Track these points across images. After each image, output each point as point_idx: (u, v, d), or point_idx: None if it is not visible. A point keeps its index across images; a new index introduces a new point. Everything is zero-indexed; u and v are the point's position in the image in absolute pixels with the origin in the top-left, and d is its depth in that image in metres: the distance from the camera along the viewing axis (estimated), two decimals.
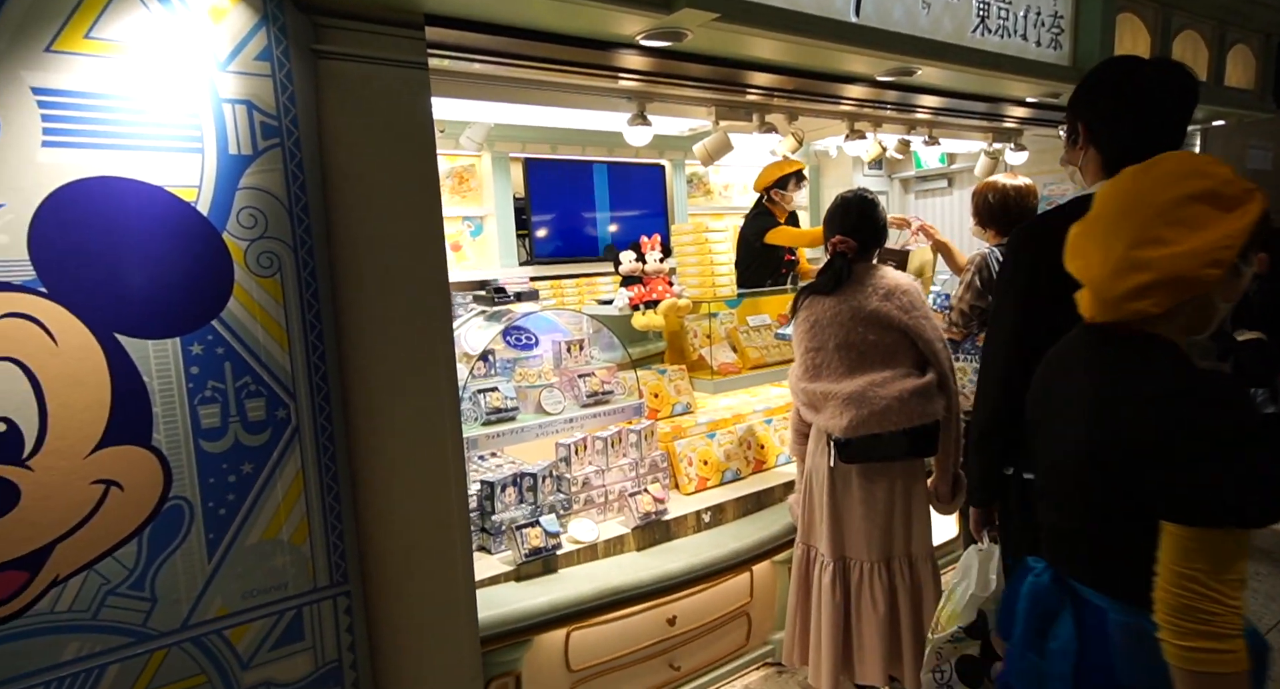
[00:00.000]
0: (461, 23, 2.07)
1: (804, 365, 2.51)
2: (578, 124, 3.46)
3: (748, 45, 2.58)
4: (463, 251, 4.40)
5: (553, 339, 2.97)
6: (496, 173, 4.44)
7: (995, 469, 1.98)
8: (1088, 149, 1.84)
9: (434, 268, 1.96)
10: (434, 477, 1.95)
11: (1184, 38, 4.02)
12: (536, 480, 2.60)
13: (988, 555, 2.04)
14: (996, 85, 3.42)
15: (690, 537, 2.91)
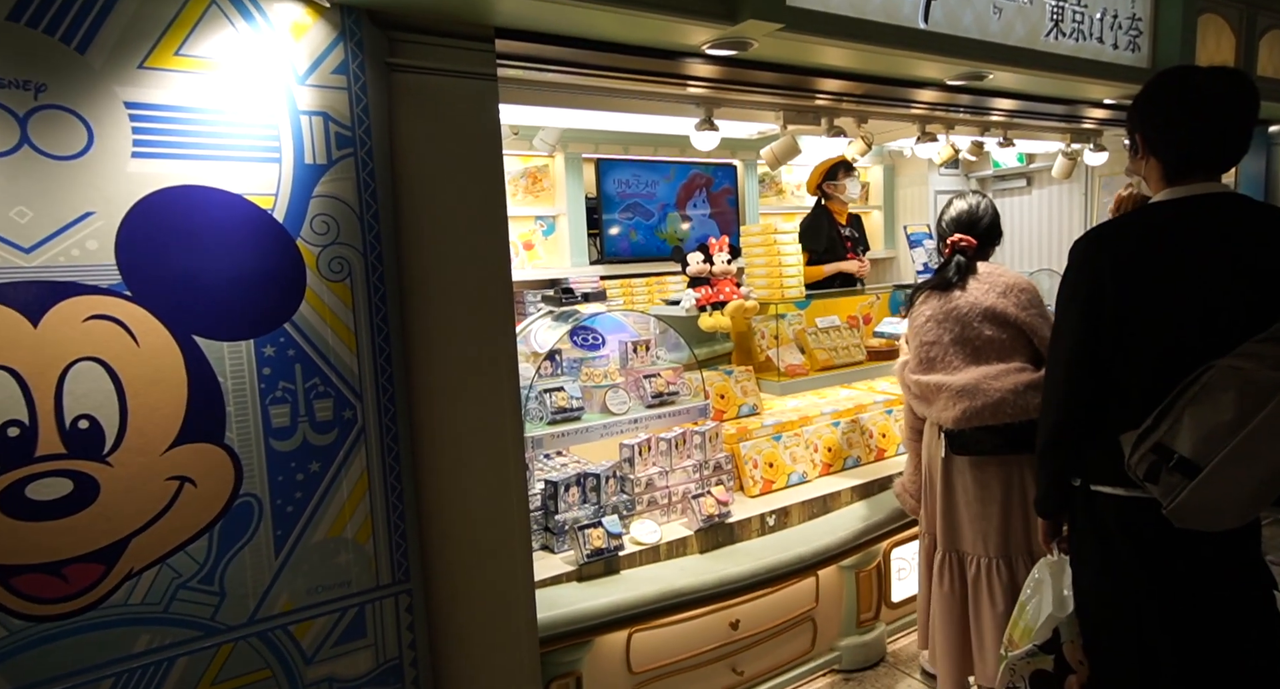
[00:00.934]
0: (530, 35, 2.01)
1: (917, 358, 2.51)
2: (648, 128, 3.37)
3: (815, 53, 2.45)
4: (535, 250, 4.35)
5: (619, 339, 2.88)
6: (569, 173, 4.37)
7: (1062, 480, 1.86)
8: (1148, 159, 1.78)
9: (498, 273, 1.90)
10: (495, 477, 1.89)
11: (1270, 38, 3.76)
12: (600, 481, 2.51)
13: (1059, 569, 1.94)
14: (1072, 88, 3.20)
15: (754, 540, 2.78)
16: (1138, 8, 3.19)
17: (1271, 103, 3.88)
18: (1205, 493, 1.54)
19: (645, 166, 4.62)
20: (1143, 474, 1.62)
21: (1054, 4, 2.89)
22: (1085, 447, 1.79)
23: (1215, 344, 1.60)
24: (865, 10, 2.34)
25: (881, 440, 3.43)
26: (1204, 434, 1.54)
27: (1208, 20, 3.43)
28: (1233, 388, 1.53)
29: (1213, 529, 1.61)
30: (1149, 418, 1.62)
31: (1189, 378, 1.59)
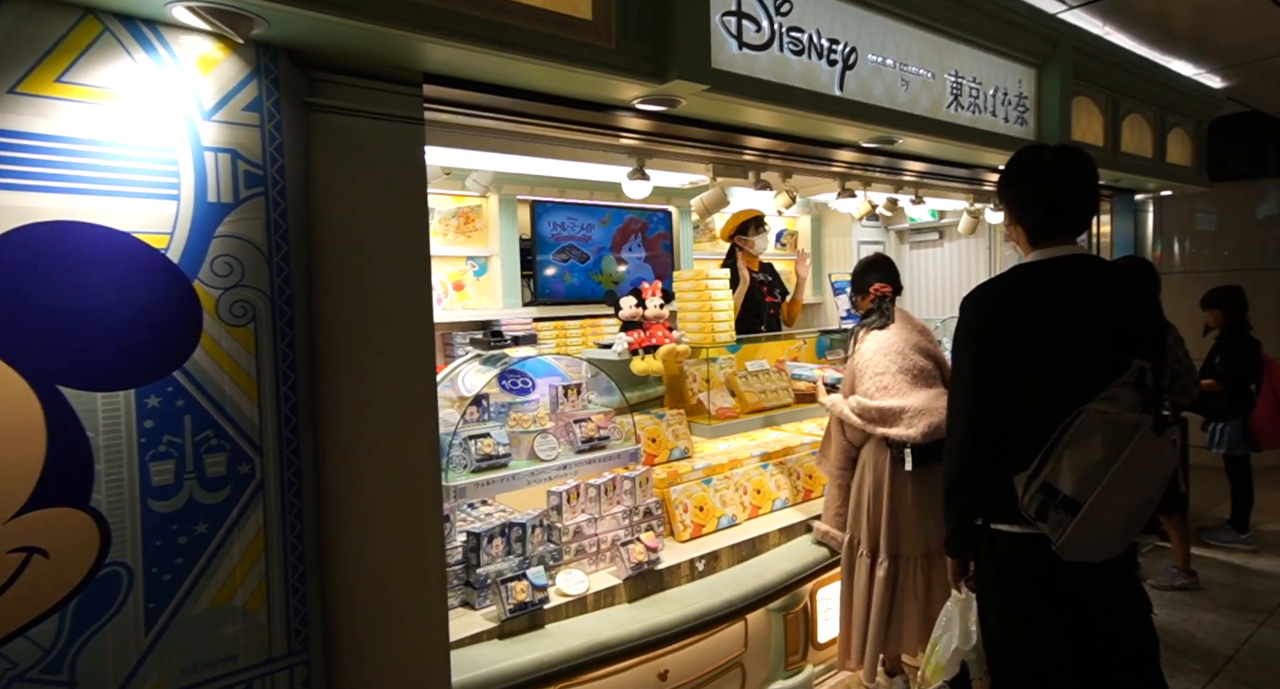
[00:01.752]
0: (460, 81, 1.86)
1: (874, 385, 2.67)
2: (582, 174, 3.24)
3: (741, 113, 2.40)
4: (465, 291, 4.10)
5: (550, 383, 2.70)
6: (503, 214, 4.13)
7: (966, 521, 1.90)
8: (1016, 225, 1.91)
9: (420, 318, 1.71)
10: (411, 532, 1.68)
11: (1131, 120, 4.01)
12: (526, 530, 2.30)
13: (966, 606, 1.95)
14: (972, 154, 3.27)
15: (684, 586, 2.60)
16: (1024, 87, 3.31)
17: (1135, 175, 4.06)
18: (1086, 527, 1.63)
19: (581, 210, 4.45)
20: (1034, 512, 1.69)
21: (953, 80, 2.95)
22: (985, 488, 1.83)
23: (1085, 389, 1.70)
24: (786, 76, 2.31)
25: (808, 481, 3.31)
26: (1080, 474, 1.63)
27: (1080, 102, 3.60)
28: (1100, 430, 1.64)
29: (1096, 560, 1.69)
30: (1036, 460, 1.69)
31: (1065, 422, 1.68)
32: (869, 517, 2.67)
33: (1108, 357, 1.73)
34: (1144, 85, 4.10)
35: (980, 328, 1.81)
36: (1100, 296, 1.79)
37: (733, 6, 2.11)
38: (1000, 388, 1.78)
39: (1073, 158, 1.83)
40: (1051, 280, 1.81)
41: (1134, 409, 1.68)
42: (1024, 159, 1.89)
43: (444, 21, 1.49)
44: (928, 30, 2.82)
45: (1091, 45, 3.61)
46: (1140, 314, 1.82)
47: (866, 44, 2.57)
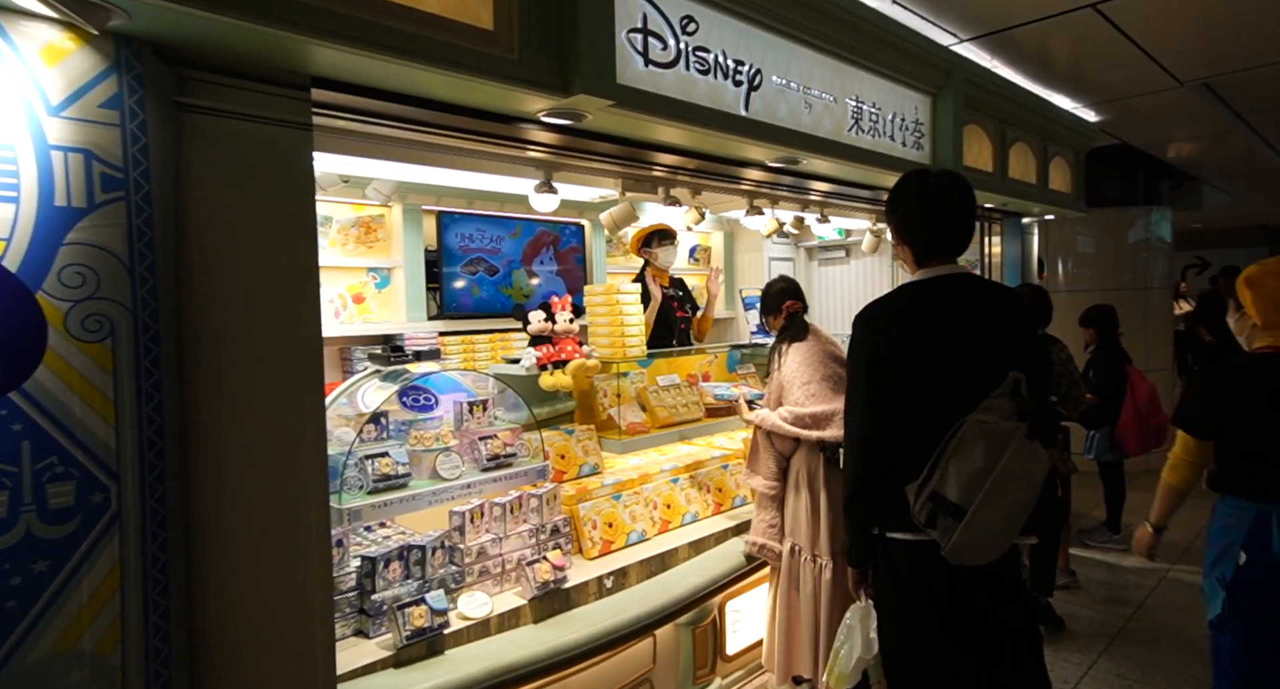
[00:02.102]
0: (353, 87, 1.76)
1: (803, 394, 2.79)
2: (488, 186, 3.16)
3: (649, 129, 2.39)
4: (366, 304, 3.91)
5: (454, 400, 2.60)
6: (408, 224, 3.96)
7: (865, 530, 1.95)
8: (903, 246, 1.99)
9: (307, 333, 1.60)
10: (295, 561, 1.56)
11: (1017, 148, 4.23)
12: (426, 552, 2.20)
13: (866, 614, 2.01)
14: (873, 176, 3.37)
15: (592, 604, 2.54)
16: (920, 114, 3.44)
17: (1021, 200, 4.30)
18: (971, 532, 1.70)
19: (490, 221, 4.33)
20: (924, 520, 1.76)
21: (854, 105, 3.03)
22: (881, 499, 1.88)
23: (968, 400, 1.77)
24: (693, 95, 2.31)
25: (719, 495, 3.31)
26: (965, 481, 1.71)
27: (971, 129, 3.78)
28: (981, 439, 1.72)
29: (981, 563, 1.76)
30: (925, 469, 1.76)
31: (950, 432, 1.75)
32: (809, 520, 2.77)
33: (986, 369, 1.80)
34: (1028, 116, 4.34)
35: (871, 344, 1.87)
36: (979, 313, 1.88)
37: (639, 24, 2.09)
38: (890, 401, 1.84)
39: (953, 182, 1.92)
40: (935, 298, 1.89)
41: (1011, 418, 1.76)
42: (909, 183, 1.96)
43: (328, 23, 1.40)
44: (830, 56, 2.89)
45: (981, 77, 3.79)
46: (1015, 329, 1.91)
47: (771, 66, 2.61)
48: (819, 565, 2.74)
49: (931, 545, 1.77)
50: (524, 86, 1.80)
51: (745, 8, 2.42)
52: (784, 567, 2.85)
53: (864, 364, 1.88)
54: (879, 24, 3.03)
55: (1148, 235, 7.34)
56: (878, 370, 1.85)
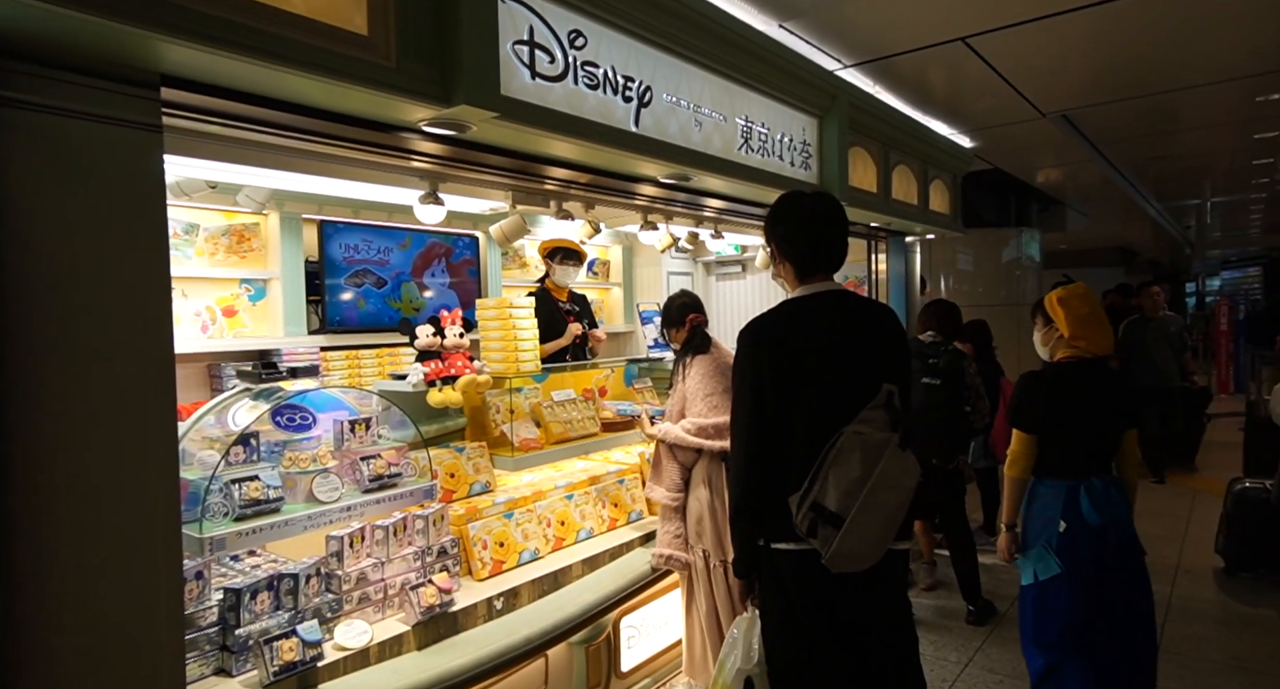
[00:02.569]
0: (213, 88, 1.67)
1: (706, 406, 2.88)
2: (369, 195, 3.07)
3: (538, 142, 2.39)
4: (238, 318, 3.72)
5: (335, 418, 2.50)
6: (286, 234, 3.76)
7: (751, 542, 1.99)
8: (783, 263, 2.06)
9: (155, 348, 1.49)
10: (138, 600, 1.45)
11: (900, 170, 4.48)
12: (299, 581, 2.09)
13: (750, 624, 2.05)
14: (763, 194, 3.48)
15: (481, 627, 2.48)
16: (807, 136, 3.60)
17: (903, 219, 4.58)
18: (849, 540, 1.77)
19: (378, 232, 4.18)
20: (806, 530, 1.82)
21: (744, 124, 3.14)
22: (766, 510, 1.93)
23: (845, 412, 1.85)
24: (582, 110, 2.33)
25: (614, 510, 3.32)
26: (843, 490, 1.78)
27: (856, 152, 3.99)
28: (857, 449, 1.80)
29: (859, 569, 1.84)
30: (806, 480, 1.82)
31: (829, 443, 1.82)
32: (713, 526, 2.85)
33: (863, 381, 1.89)
34: (909, 140, 4.62)
35: (754, 358, 1.92)
36: (856, 327, 1.98)
37: (525, 36, 2.10)
38: (773, 414, 1.89)
39: (829, 202, 2.05)
40: (816, 313, 1.98)
41: (885, 429, 1.84)
42: (788, 203, 2.06)
43: (178, 19, 1.33)
44: (720, 76, 2.98)
45: (864, 102, 4.01)
46: (889, 343, 2.01)
47: (662, 84, 2.67)
48: (728, 570, 2.80)
49: (814, 555, 1.83)
50: (403, 95, 1.76)
51: (634, 25, 2.47)
52: (698, 573, 2.90)
53: (748, 378, 1.93)
54: (767, 47, 3.16)
55: (1019, 254, 7.95)
56: (761, 384, 1.90)
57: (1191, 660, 3.50)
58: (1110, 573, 2.56)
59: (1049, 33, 3.56)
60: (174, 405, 1.52)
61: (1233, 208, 10.89)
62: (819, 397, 1.89)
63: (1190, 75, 4.40)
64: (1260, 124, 5.73)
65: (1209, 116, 5.50)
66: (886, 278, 5.22)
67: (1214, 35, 3.75)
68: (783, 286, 2.15)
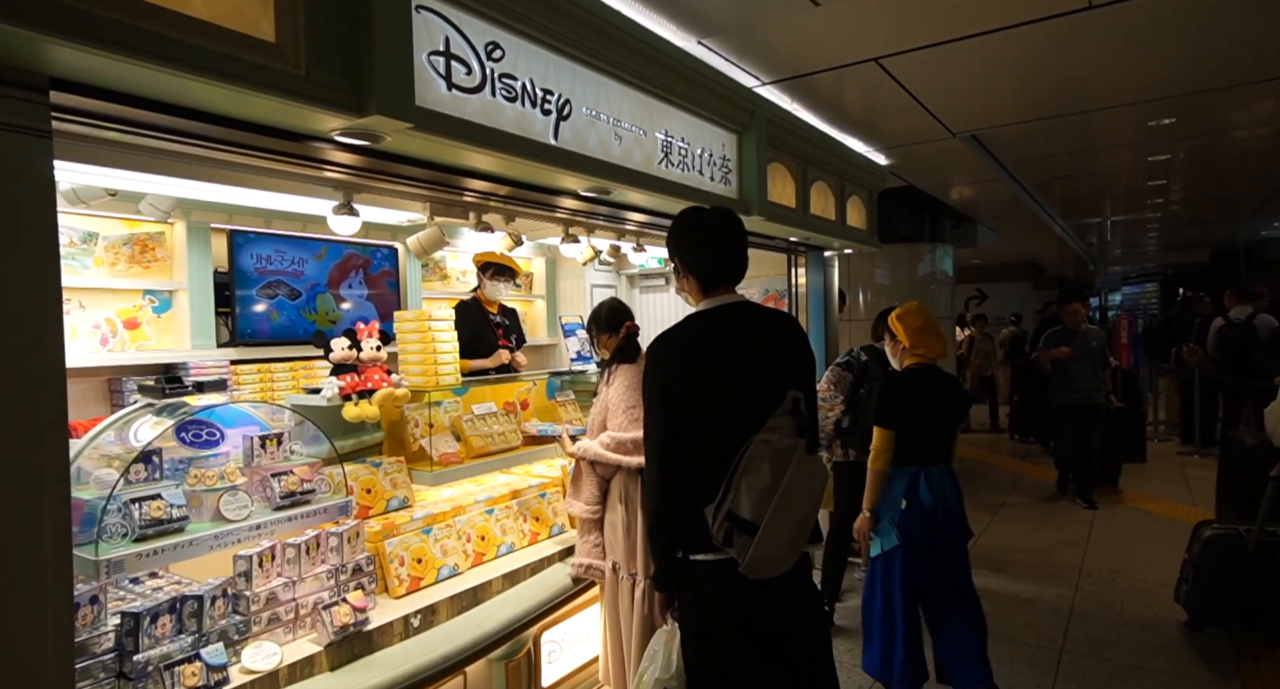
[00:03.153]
0: (108, 93, 1.64)
1: (627, 419, 2.86)
2: (291, 205, 3.03)
3: (455, 154, 2.40)
4: (141, 330, 3.59)
5: (244, 434, 2.45)
6: (193, 243, 3.67)
7: (670, 555, 2.02)
8: (688, 277, 2.13)
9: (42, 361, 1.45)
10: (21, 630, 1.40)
11: (818, 186, 4.65)
12: (203, 603, 2.04)
13: (670, 636, 2.09)
14: (685, 208, 3.55)
15: (396, 645, 2.46)
16: (727, 151, 3.72)
17: (822, 234, 4.76)
18: (764, 546, 1.82)
19: (292, 243, 4.09)
20: (722, 539, 1.86)
21: (664, 139, 3.23)
22: (683, 523, 1.97)
23: (754, 421, 1.91)
24: (500, 122, 2.36)
25: (535, 524, 3.34)
26: (755, 498, 1.83)
27: (775, 167, 4.13)
28: (767, 457, 1.85)
29: (775, 574, 1.90)
30: (720, 490, 1.87)
31: (740, 452, 1.87)
32: (626, 538, 2.86)
33: (769, 390, 1.96)
34: (826, 157, 4.82)
35: (664, 371, 1.98)
36: (760, 337, 2.04)
37: (440, 47, 2.13)
38: (685, 425, 1.94)
39: (729, 218, 2.14)
40: (722, 324, 2.05)
41: (792, 435, 1.91)
42: (690, 218, 2.15)
43: (66, 20, 1.29)
44: (640, 90, 3.07)
45: (783, 118, 4.17)
46: (793, 351, 2.10)
47: (581, 97, 2.73)
48: (634, 582, 2.85)
49: (731, 564, 1.88)
50: (313, 104, 1.76)
51: (552, 38, 2.52)
52: (607, 585, 2.94)
53: (659, 391, 1.98)
54: (686, 63, 3.26)
55: (934, 269, 8.34)
56: (671, 396, 1.95)
57: (1093, 661, 3.74)
58: (934, 549, 3.09)
59: (958, 55, 3.80)
60: (65, 422, 1.48)
61: (1132, 226, 11.71)
62: (728, 407, 1.94)
63: (1091, 99, 4.75)
64: (1154, 147, 6.21)
65: (1109, 139, 5.94)
66: (806, 291, 5.40)
67: (1114, 62, 4.07)
68: (686, 301, 2.22)
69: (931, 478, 3.08)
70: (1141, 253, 16.26)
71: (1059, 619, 4.18)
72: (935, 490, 3.07)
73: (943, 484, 3.11)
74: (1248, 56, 4.05)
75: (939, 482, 3.10)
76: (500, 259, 4.01)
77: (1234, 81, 4.47)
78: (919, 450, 3.12)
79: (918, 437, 3.11)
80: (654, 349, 2.04)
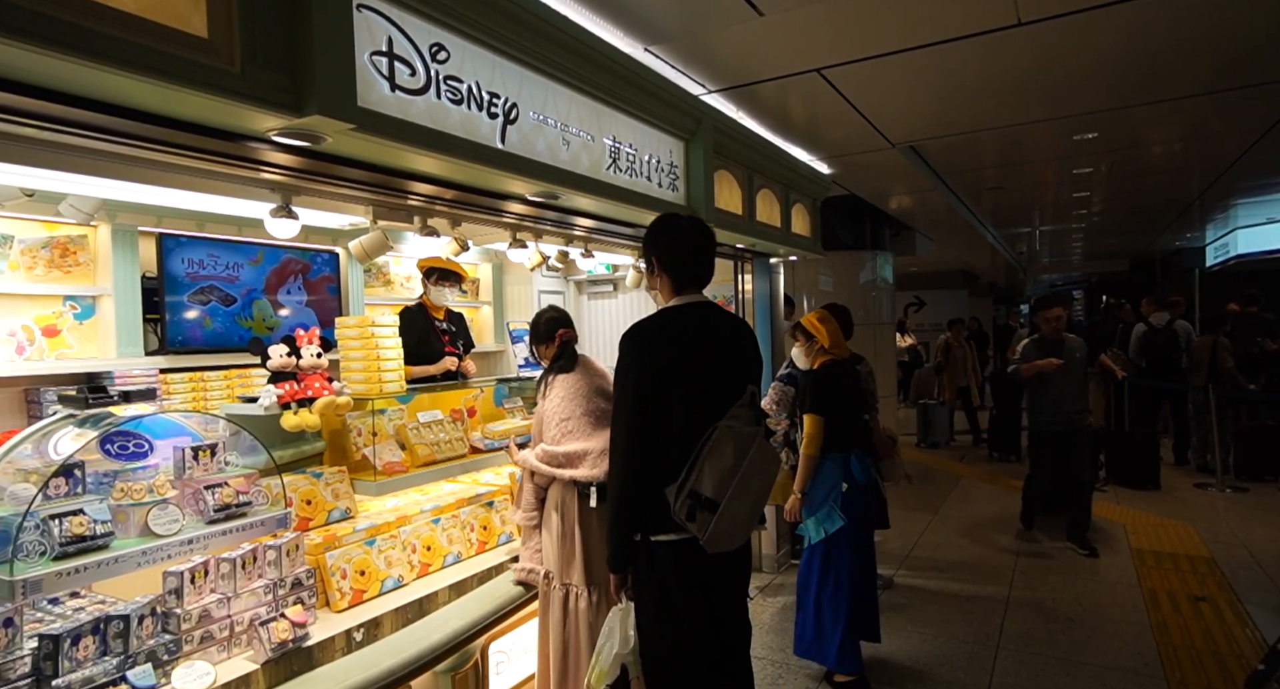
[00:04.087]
0: (28, 88, 1.55)
1: (560, 431, 2.83)
2: (225, 208, 2.92)
3: (400, 157, 2.36)
4: (62, 337, 3.42)
5: (175, 445, 2.35)
6: (119, 247, 3.52)
7: (628, 538, 2.16)
8: (661, 276, 2.30)
9: None
10: None
11: (763, 194, 4.74)
12: (129, 622, 1.94)
13: (625, 614, 2.21)
14: (633, 214, 3.59)
15: (338, 661, 2.38)
16: (674, 158, 3.75)
17: (767, 241, 4.84)
18: (723, 522, 1.97)
19: (226, 247, 3.93)
20: (684, 516, 2.01)
21: (612, 144, 3.23)
22: (644, 506, 2.11)
23: (717, 409, 2.08)
24: (445, 124, 2.33)
25: (483, 533, 3.28)
26: (718, 478, 1.99)
27: (722, 174, 4.20)
28: (729, 441, 2.02)
29: (730, 549, 2.06)
30: (683, 471, 2.02)
31: (704, 437, 2.03)
32: (562, 552, 2.82)
33: (730, 382, 2.16)
34: (771, 165, 4.90)
35: (637, 360, 2.12)
36: (722, 335, 2.24)
37: (383, 47, 2.09)
38: (653, 412, 2.08)
39: (700, 225, 2.33)
40: (690, 321, 2.21)
41: (751, 424, 2.10)
42: (667, 224, 2.33)
43: None
44: (588, 96, 3.07)
45: (729, 126, 4.23)
46: (748, 350, 2.31)
47: (528, 101, 2.71)
48: (569, 595, 2.81)
49: (691, 543, 2.03)
50: (248, 103, 1.71)
51: (498, 41, 2.50)
52: (541, 592, 2.92)
53: (631, 379, 2.12)
54: (633, 70, 3.28)
55: (875, 276, 8.55)
56: (643, 383, 2.09)
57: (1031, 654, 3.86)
58: (868, 526, 3.55)
59: (896, 67, 3.91)
60: None
61: (1058, 236, 12.22)
62: (693, 395, 2.11)
63: (1020, 112, 4.93)
64: (1078, 160, 6.50)
65: (1037, 152, 6.19)
66: (753, 297, 5.47)
67: (1040, 77, 4.23)
68: (655, 298, 2.38)
69: (860, 460, 3.51)
70: (1067, 261, 16.97)
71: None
72: (865, 470, 3.50)
73: (864, 466, 3.52)
74: (1165, 74, 4.27)
75: (862, 464, 3.52)
76: (445, 264, 3.95)
77: (1151, 99, 4.71)
78: (847, 437, 3.50)
79: (844, 423, 3.49)
80: (627, 339, 2.17)
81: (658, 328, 2.20)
